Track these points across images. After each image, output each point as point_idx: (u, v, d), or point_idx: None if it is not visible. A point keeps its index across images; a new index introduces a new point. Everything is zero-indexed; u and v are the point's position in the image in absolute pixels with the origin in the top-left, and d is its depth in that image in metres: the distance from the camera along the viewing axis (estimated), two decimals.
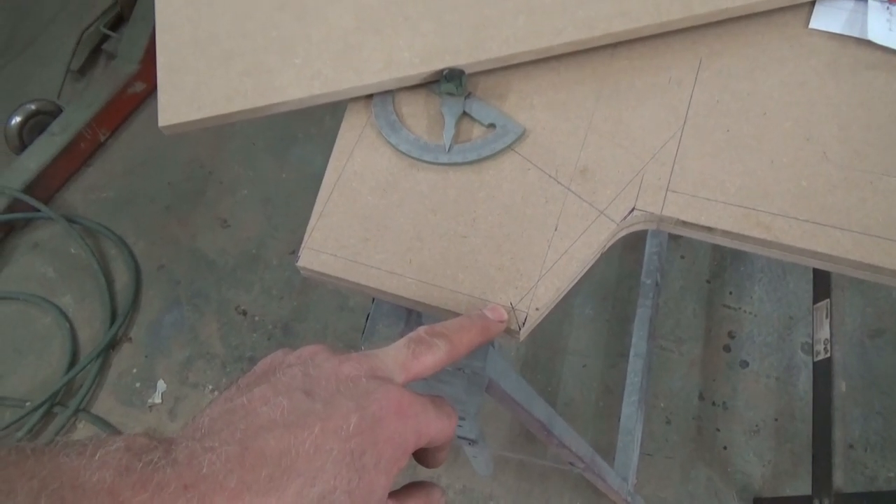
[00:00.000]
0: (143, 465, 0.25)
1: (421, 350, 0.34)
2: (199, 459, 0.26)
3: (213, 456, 0.26)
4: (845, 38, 0.48)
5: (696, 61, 0.49)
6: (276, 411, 0.28)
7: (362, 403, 0.29)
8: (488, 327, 0.39)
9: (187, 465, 0.26)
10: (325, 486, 0.27)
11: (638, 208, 0.44)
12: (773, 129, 0.45)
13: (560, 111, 0.48)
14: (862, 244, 0.41)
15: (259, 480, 0.26)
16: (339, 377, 0.31)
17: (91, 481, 0.24)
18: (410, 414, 0.30)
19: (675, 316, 1.36)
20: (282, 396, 0.29)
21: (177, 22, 0.52)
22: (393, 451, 0.29)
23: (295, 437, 0.27)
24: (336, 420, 0.28)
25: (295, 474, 0.27)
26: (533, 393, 0.72)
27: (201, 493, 0.25)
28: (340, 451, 0.28)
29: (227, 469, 0.26)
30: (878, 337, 1.29)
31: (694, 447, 1.24)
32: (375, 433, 0.29)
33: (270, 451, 0.27)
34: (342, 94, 0.49)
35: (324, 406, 0.29)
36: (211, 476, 0.26)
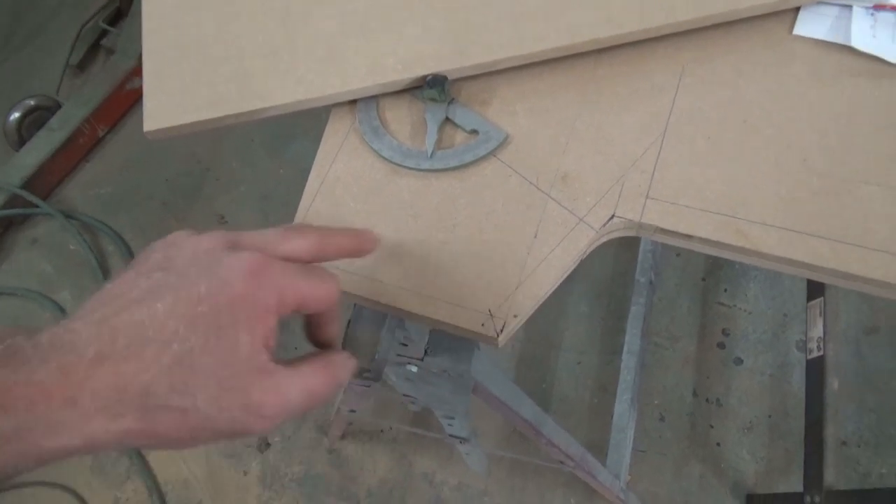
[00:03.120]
0: (5, 348, 0.27)
1: (290, 234, 0.35)
2: (60, 338, 0.28)
3: (73, 335, 0.28)
4: (829, 45, 0.48)
5: (678, 68, 0.49)
6: (135, 291, 0.30)
7: (214, 270, 0.30)
8: (360, 238, 0.39)
9: (48, 345, 0.28)
10: (181, 347, 0.28)
11: (617, 215, 0.44)
12: (754, 136, 0.45)
13: (543, 117, 0.48)
14: (839, 253, 0.41)
15: (117, 350, 0.28)
16: (197, 252, 0.32)
17: None
18: (265, 274, 0.31)
19: (669, 313, 1.36)
20: (141, 278, 0.31)
21: (163, 27, 0.52)
22: (250, 310, 0.30)
23: (149, 309, 0.29)
24: (187, 289, 0.30)
25: (150, 341, 0.28)
26: (520, 393, 0.72)
27: (62, 365, 0.27)
28: (193, 315, 0.29)
29: (87, 343, 0.28)
30: (873, 334, 1.29)
31: (687, 444, 1.24)
32: (226, 294, 0.30)
33: (126, 323, 0.29)
34: (326, 100, 0.50)
35: (177, 278, 0.30)
36: (71, 351, 0.27)
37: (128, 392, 0.27)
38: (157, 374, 0.28)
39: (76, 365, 0.27)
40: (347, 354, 0.36)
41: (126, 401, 0.27)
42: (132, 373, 0.28)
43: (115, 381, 0.27)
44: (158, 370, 0.28)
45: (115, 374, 0.27)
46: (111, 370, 0.27)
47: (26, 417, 0.26)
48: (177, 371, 0.28)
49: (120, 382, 0.27)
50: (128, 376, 0.28)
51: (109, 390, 0.27)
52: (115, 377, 0.27)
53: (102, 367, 0.27)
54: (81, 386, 0.27)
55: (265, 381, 0.30)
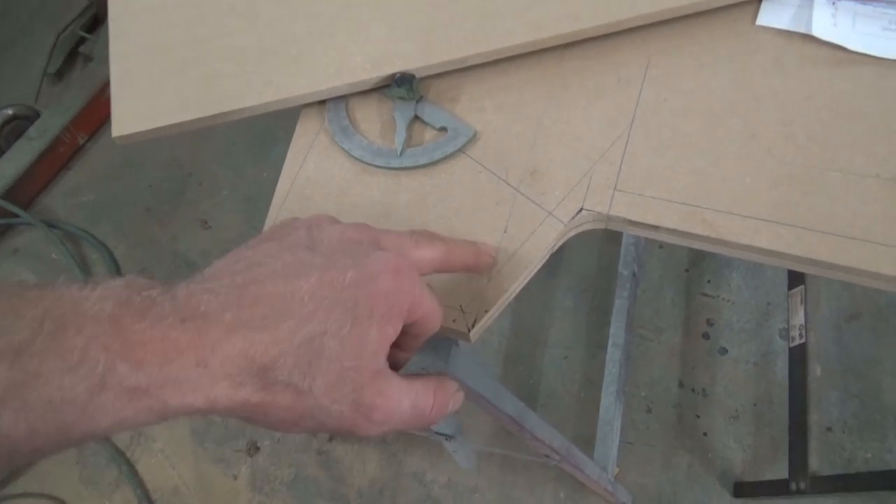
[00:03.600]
0: (143, 299, 0.27)
1: (422, 241, 0.35)
2: (197, 298, 0.28)
3: (211, 296, 0.28)
4: (791, 34, 0.49)
5: (644, 60, 0.49)
6: (278, 263, 0.30)
7: (361, 261, 0.30)
8: (480, 255, 0.41)
9: (185, 302, 0.28)
10: (316, 327, 0.28)
11: (586, 208, 0.44)
12: (719, 126, 0.46)
13: (511, 113, 0.49)
14: (803, 239, 0.41)
15: (254, 318, 0.28)
16: (342, 240, 0.32)
17: (93, 310, 0.26)
18: (407, 277, 0.31)
19: (654, 305, 1.37)
20: (285, 252, 0.31)
21: (130, 31, 0.52)
22: (387, 308, 0.30)
23: (292, 285, 0.29)
24: (333, 272, 0.30)
25: (288, 316, 0.28)
26: (501, 388, 0.72)
27: (197, 325, 0.27)
28: (334, 300, 0.29)
29: (224, 307, 0.28)
30: (854, 320, 1.30)
31: (674, 434, 1.25)
32: (370, 287, 0.30)
33: (267, 294, 0.29)
34: (295, 101, 0.50)
35: (323, 260, 0.30)
36: (208, 313, 0.28)
37: (255, 363, 0.28)
38: (286, 350, 0.28)
39: (212, 327, 0.27)
40: (458, 386, 0.35)
41: (252, 371, 0.28)
42: (264, 344, 0.28)
43: (246, 350, 0.27)
44: (288, 347, 0.28)
45: (247, 343, 0.27)
46: (244, 338, 0.27)
47: (159, 374, 0.26)
48: (305, 351, 0.28)
49: (250, 352, 0.27)
50: (259, 347, 0.28)
51: (239, 358, 0.27)
52: (246, 346, 0.27)
53: (237, 334, 0.27)
54: (214, 349, 0.27)
55: (380, 384, 0.30)
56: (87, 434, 0.26)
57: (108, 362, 0.25)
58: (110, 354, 0.25)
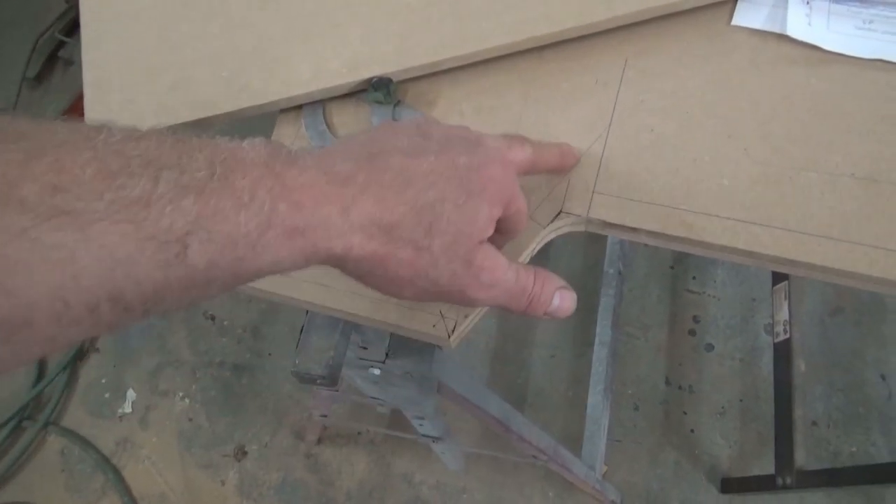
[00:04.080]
0: (287, 153, 0.30)
1: (514, 144, 0.38)
2: (331, 158, 0.31)
3: (343, 159, 0.31)
4: (766, 34, 0.49)
5: (621, 61, 0.49)
6: (398, 143, 0.33)
7: (471, 151, 0.34)
8: (565, 154, 0.44)
9: (322, 160, 0.31)
10: (437, 194, 0.32)
11: (565, 211, 0.44)
12: (696, 127, 0.46)
13: (489, 116, 0.48)
14: (781, 240, 0.41)
15: (384, 181, 0.31)
16: (450, 134, 0.35)
17: (249, 157, 0.28)
18: (510, 170, 0.36)
19: (640, 302, 1.37)
20: (401, 135, 0.34)
21: (103, 37, 0.52)
22: (495, 188, 0.34)
23: (414, 159, 0.32)
24: (450, 154, 0.33)
25: (413, 182, 0.32)
26: (487, 391, 0.72)
27: (338, 180, 0.30)
28: (451, 176, 0.32)
29: (357, 169, 0.31)
30: (838, 315, 1.31)
31: (662, 432, 1.26)
32: (481, 171, 0.33)
33: (393, 164, 0.32)
34: (271, 106, 0.49)
35: (438, 146, 0.34)
36: (344, 171, 0.31)
37: (384, 219, 0.31)
38: (411, 210, 0.31)
39: (349, 183, 0.30)
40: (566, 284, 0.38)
41: (381, 225, 0.30)
42: (392, 203, 0.31)
43: (378, 206, 0.30)
44: (412, 207, 0.31)
45: (379, 201, 0.30)
46: (376, 196, 0.30)
47: (312, 217, 0.29)
48: (426, 213, 0.31)
49: (380, 208, 0.30)
50: (387, 205, 0.31)
51: (373, 211, 0.30)
52: (378, 203, 0.30)
53: (369, 191, 0.30)
54: (354, 200, 0.30)
55: (488, 251, 0.34)
56: (252, 270, 0.28)
57: (272, 203, 0.27)
58: (273, 195, 0.28)
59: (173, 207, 0.25)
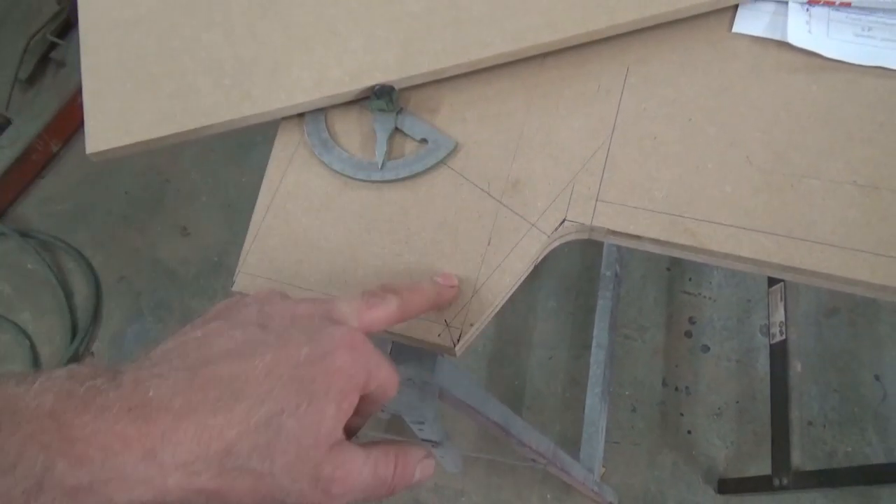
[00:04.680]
0: (86, 390, 0.26)
1: (375, 302, 0.35)
2: (145, 384, 0.27)
3: (159, 381, 0.27)
4: (767, 41, 0.49)
5: (623, 69, 0.49)
6: (230, 342, 0.29)
7: (315, 337, 0.30)
8: (440, 293, 0.40)
9: (132, 390, 0.26)
10: (273, 407, 0.27)
11: (569, 219, 0.44)
12: (698, 134, 0.46)
13: (491, 124, 0.48)
14: (784, 247, 0.42)
15: (207, 401, 0.27)
16: (294, 315, 0.32)
17: (31, 406, 0.24)
18: (362, 351, 0.31)
19: (637, 304, 1.38)
20: (236, 329, 0.30)
21: (102, 45, 0.51)
22: (344, 383, 0.30)
23: (247, 364, 0.28)
24: (289, 349, 0.29)
25: (243, 396, 0.27)
26: (487, 396, 0.72)
27: (145, 414, 0.26)
28: (290, 377, 0.28)
29: (174, 392, 0.27)
30: (833, 316, 1.32)
31: (659, 433, 1.26)
32: (326, 363, 0.29)
33: (220, 375, 0.28)
34: (273, 114, 0.49)
35: (276, 338, 0.30)
36: (157, 399, 0.26)
37: (210, 448, 0.26)
38: (243, 432, 0.27)
39: (161, 415, 0.26)
40: (426, 451, 0.34)
41: (207, 458, 0.26)
42: (218, 428, 0.27)
43: (199, 436, 0.26)
44: (245, 429, 0.27)
45: (200, 429, 0.26)
46: (197, 424, 0.26)
47: (102, 469, 0.25)
48: (262, 432, 0.27)
49: (204, 437, 0.26)
50: (213, 431, 0.26)
51: (192, 445, 0.26)
52: (199, 432, 0.26)
53: (188, 419, 0.26)
54: (164, 438, 0.26)
55: (338, 457, 0.29)
56: None
57: (47, 461, 0.24)
58: (50, 452, 0.24)
59: None
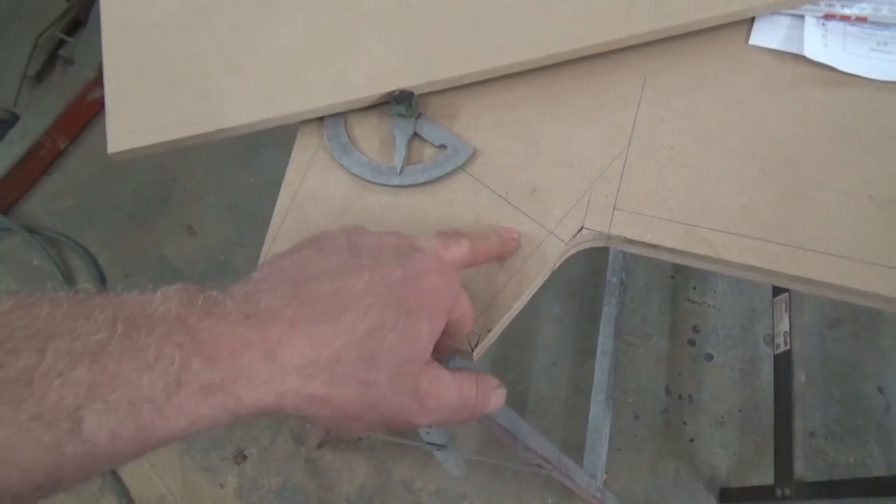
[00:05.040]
0: (204, 300, 0.28)
1: (449, 243, 0.37)
2: (255, 297, 0.29)
3: (268, 294, 0.29)
4: (783, 54, 0.50)
5: (640, 79, 0.50)
6: (327, 265, 0.31)
7: (405, 262, 0.32)
8: (504, 244, 0.42)
9: (245, 301, 0.29)
10: (374, 320, 0.30)
11: (586, 227, 0.45)
12: (715, 145, 0.47)
13: (510, 131, 0.49)
14: (799, 258, 0.42)
15: (314, 313, 0.29)
16: (382, 244, 0.34)
17: (158, 311, 0.26)
18: (449, 275, 0.34)
19: (641, 312, 1.38)
20: (330, 255, 0.32)
21: (124, 46, 0.52)
22: (434, 302, 0.32)
23: (346, 282, 0.30)
24: (383, 271, 0.31)
25: (347, 309, 0.29)
26: None
27: (262, 321, 0.28)
28: (387, 295, 0.30)
29: (284, 304, 0.29)
30: (836, 327, 1.33)
31: (662, 441, 1.26)
32: (418, 284, 0.31)
33: (323, 291, 0.30)
34: (293, 118, 0.49)
35: (370, 261, 0.32)
36: (268, 309, 0.28)
37: (321, 355, 0.28)
38: (350, 341, 0.29)
39: (275, 323, 0.28)
40: (499, 382, 0.37)
41: (319, 364, 0.28)
42: (328, 337, 0.28)
43: (311, 342, 0.28)
44: (352, 338, 0.29)
45: (311, 337, 0.28)
46: (308, 332, 0.28)
47: (230, 368, 0.27)
48: (367, 343, 0.29)
49: (315, 344, 0.28)
50: (323, 339, 0.28)
51: (306, 350, 0.28)
52: (311, 339, 0.28)
53: (300, 327, 0.28)
54: (281, 342, 0.28)
55: (432, 373, 0.32)
56: (164, 436, 0.26)
57: (183, 359, 0.26)
58: (183, 351, 0.26)
59: (62, 380, 0.23)
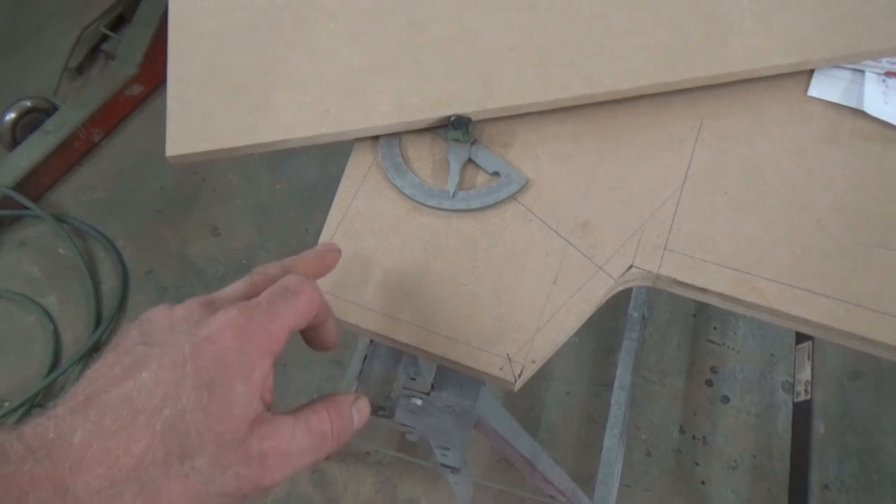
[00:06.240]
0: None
1: (257, 280, 0.34)
2: (43, 427, 0.27)
3: (57, 422, 0.27)
4: (842, 108, 0.50)
5: (697, 121, 0.50)
6: (116, 368, 0.29)
7: (194, 331, 0.30)
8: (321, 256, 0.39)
9: (32, 435, 0.26)
10: (171, 409, 0.27)
11: (636, 266, 0.45)
12: (770, 194, 0.46)
13: (563, 163, 0.49)
14: (854, 316, 0.42)
15: (104, 427, 0.27)
16: (173, 320, 0.31)
17: None
18: (249, 321, 0.30)
19: (659, 348, 1.37)
20: (122, 356, 0.29)
21: (188, 53, 0.53)
22: (243, 359, 0.29)
23: (135, 381, 0.28)
24: (172, 353, 0.29)
25: (139, 411, 0.27)
26: (519, 429, 0.72)
27: (48, 453, 0.26)
28: (180, 378, 0.28)
29: (72, 428, 0.27)
30: (858, 379, 1.31)
31: (672, 480, 1.25)
32: (213, 350, 0.29)
33: (111, 399, 0.27)
34: (350, 134, 0.50)
35: (160, 347, 0.29)
36: (57, 438, 0.26)
37: (121, 469, 0.26)
38: (150, 442, 0.27)
39: (64, 451, 0.26)
40: (355, 394, 0.34)
41: (120, 479, 0.26)
42: (123, 447, 0.26)
43: (106, 461, 0.26)
44: (151, 438, 0.27)
45: (105, 453, 0.26)
46: (101, 450, 0.26)
47: None
48: (171, 436, 0.27)
49: (111, 460, 0.26)
50: (119, 451, 0.26)
51: (102, 470, 0.26)
52: (105, 457, 0.26)
53: (91, 447, 0.26)
54: (73, 471, 0.26)
55: (263, 429, 0.29)
56: None
57: None
58: None
59: None
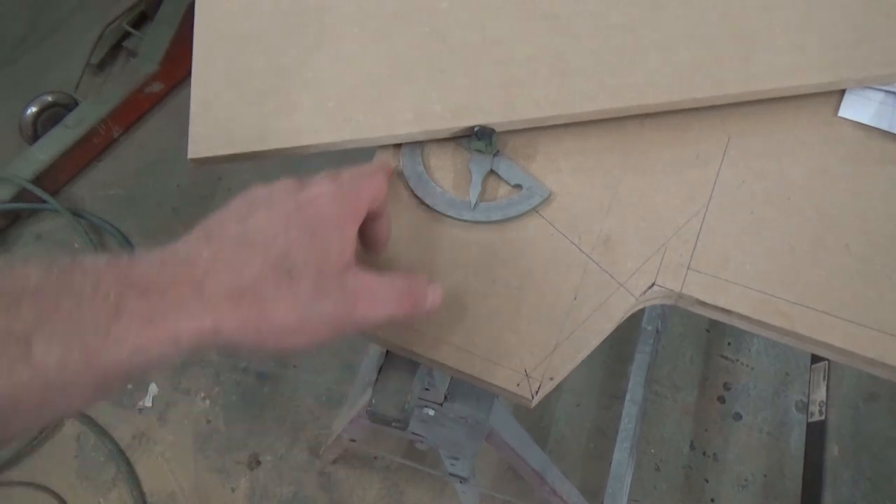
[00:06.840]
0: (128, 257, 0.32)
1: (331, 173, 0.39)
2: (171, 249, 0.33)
3: (183, 244, 0.33)
4: (872, 130, 0.49)
5: (724, 139, 0.49)
6: (228, 218, 0.35)
7: (296, 196, 0.36)
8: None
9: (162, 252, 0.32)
10: (281, 245, 0.34)
11: (658, 284, 0.44)
12: (797, 215, 0.46)
13: (587, 177, 0.49)
14: (879, 342, 0.41)
15: (225, 251, 0.33)
16: (273, 191, 0.37)
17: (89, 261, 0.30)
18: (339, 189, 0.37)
19: (672, 362, 1.36)
20: (230, 212, 0.36)
21: (212, 56, 0.53)
22: (337, 219, 0.36)
23: (247, 223, 0.34)
24: (279, 206, 0.35)
25: (254, 243, 0.33)
26: (530, 441, 0.72)
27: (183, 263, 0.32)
28: (286, 223, 0.34)
29: (199, 249, 0.33)
30: (873, 402, 1.29)
31: (681, 497, 1.23)
32: (313, 210, 0.35)
33: (231, 234, 0.34)
34: (372, 141, 0.50)
35: (266, 204, 0.36)
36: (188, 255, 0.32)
37: (244, 279, 0.32)
38: (266, 264, 0.33)
39: (196, 262, 0.32)
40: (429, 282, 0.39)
41: (243, 287, 0.32)
42: (245, 263, 0.32)
43: (231, 270, 0.32)
44: (266, 262, 0.33)
45: (230, 265, 0.32)
46: (226, 263, 0.32)
47: (164, 301, 0.30)
48: (282, 263, 0.33)
49: (235, 271, 0.32)
50: (241, 266, 0.32)
51: (228, 277, 0.32)
52: (230, 267, 0.32)
53: (218, 263, 0.32)
54: (206, 275, 0.31)
55: (355, 271, 0.36)
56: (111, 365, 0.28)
57: (118, 295, 0.29)
58: (118, 289, 0.29)
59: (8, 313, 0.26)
